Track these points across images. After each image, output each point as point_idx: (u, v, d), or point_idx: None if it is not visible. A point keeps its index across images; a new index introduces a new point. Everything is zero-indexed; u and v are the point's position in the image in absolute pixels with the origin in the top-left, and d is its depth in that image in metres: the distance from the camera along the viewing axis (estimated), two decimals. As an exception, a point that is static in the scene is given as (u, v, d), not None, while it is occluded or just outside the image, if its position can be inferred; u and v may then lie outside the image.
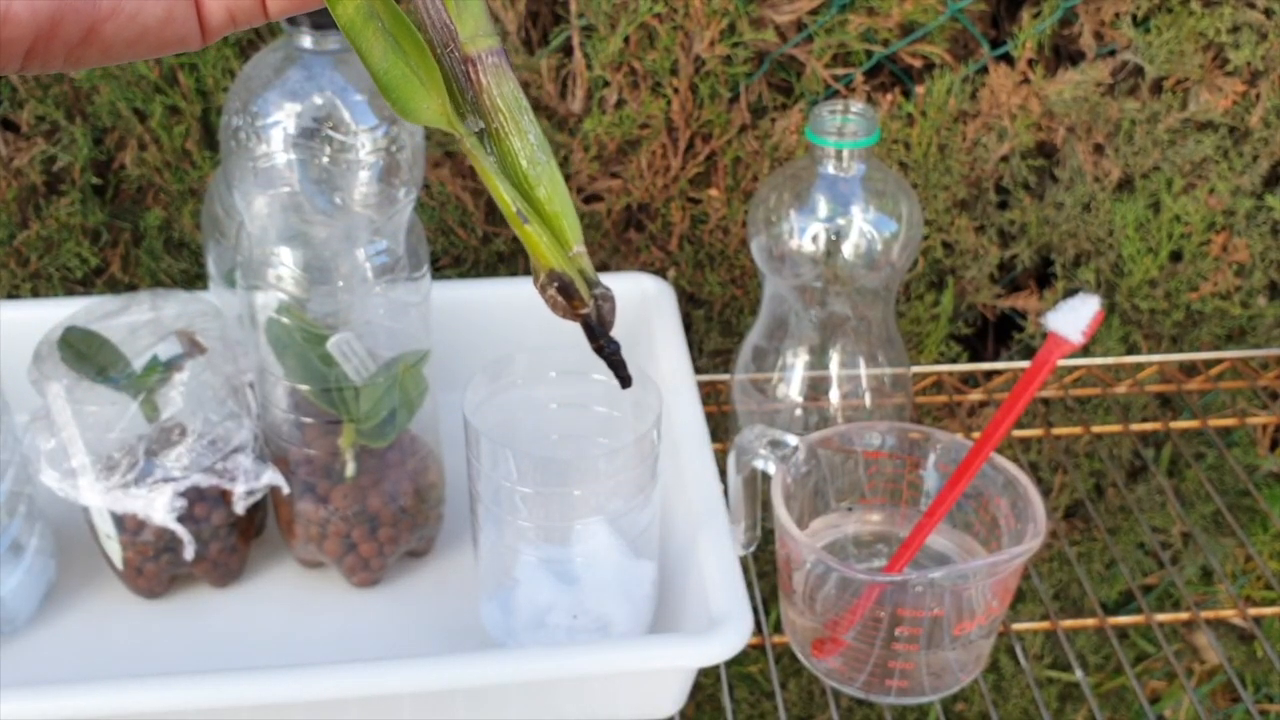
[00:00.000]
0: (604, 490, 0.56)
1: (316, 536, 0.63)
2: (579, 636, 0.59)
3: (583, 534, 0.57)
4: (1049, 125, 0.86)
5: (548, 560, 0.58)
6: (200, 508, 0.61)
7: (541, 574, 0.58)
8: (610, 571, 0.59)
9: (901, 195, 0.66)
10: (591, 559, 0.58)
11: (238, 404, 0.62)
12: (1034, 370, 0.54)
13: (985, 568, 0.54)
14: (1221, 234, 0.89)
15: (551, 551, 0.58)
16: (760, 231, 0.67)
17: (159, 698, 0.51)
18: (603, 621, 0.59)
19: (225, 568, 0.64)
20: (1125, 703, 1.13)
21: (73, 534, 0.65)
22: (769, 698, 1.06)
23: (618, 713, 0.58)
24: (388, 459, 0.62)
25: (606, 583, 0.59)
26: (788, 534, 0.57)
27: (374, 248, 0.58)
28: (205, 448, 0.60)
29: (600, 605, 0.59)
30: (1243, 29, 0.82)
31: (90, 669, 0.61)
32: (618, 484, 0.56)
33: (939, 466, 0.61)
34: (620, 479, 0.56)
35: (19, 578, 0.62)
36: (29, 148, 0.82)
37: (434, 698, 0.54)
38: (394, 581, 0.65)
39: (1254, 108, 0.85)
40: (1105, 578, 1.06)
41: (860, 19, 0.81)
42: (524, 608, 0.59)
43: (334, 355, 0.58)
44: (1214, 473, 1.01)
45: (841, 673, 0.59)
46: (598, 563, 0.58)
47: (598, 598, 0.59)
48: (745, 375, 0.72)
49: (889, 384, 0.71)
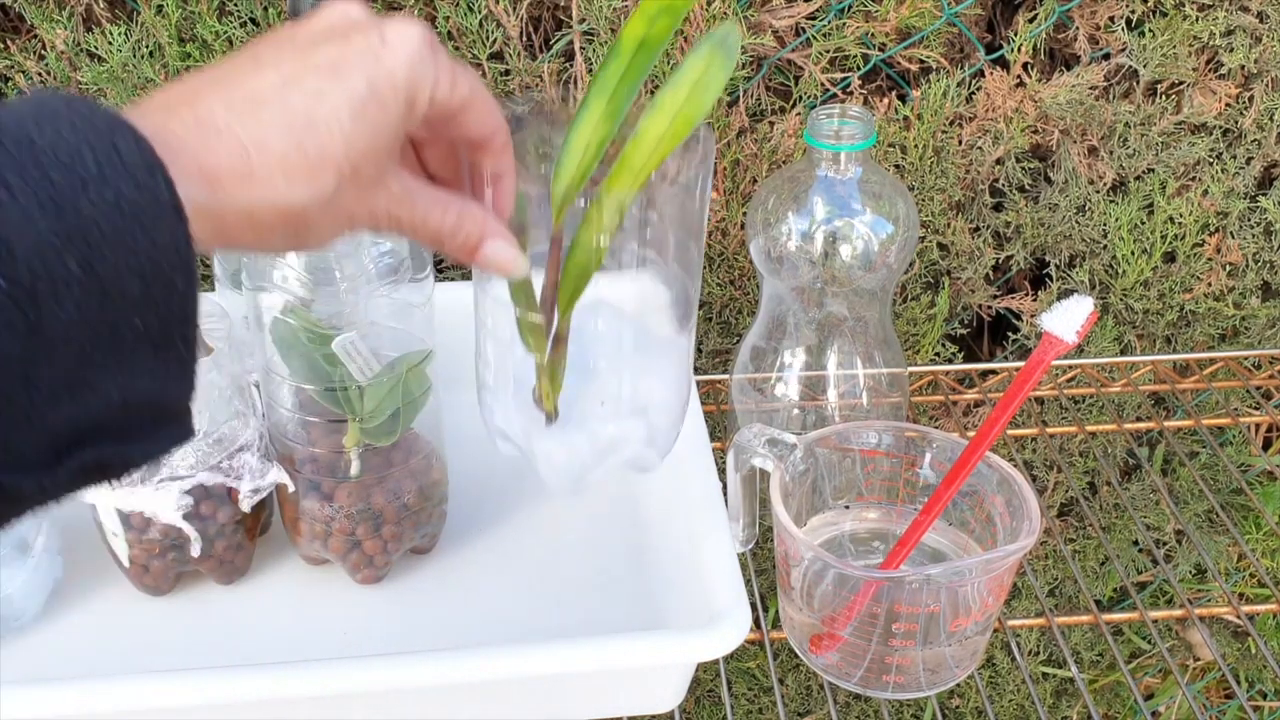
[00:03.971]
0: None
1: (321, 534, 0.63)
2: (620, 424, 0.55)
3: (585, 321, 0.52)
4: (1044, 128, 0.87)
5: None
6: (206, 505, 0.62)
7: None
8: (631, 351, 0.54)
9: (898, 197, 0.66)
10: (599, 341, 0.54)
11: (244, 403, 0.63)
12: (1029, 370, 0.54)
13: (981, 564, 0.55)
14: (1215, 235, 0.90)
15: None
16: (759, 233, 0.68)
17: (165, 694, 0.52)
18: (638, 403, 0.55)
19: (231, 565, 0.65)
20: (1119, 699, 1.14)
21: (79, 532, 0.66)
22: (767, 692, 1.06)
23: (618, 707, 0.59)
24: (392, 457, 0.63)
25: (631, 363, 0.54)
26: (786, 531, 0.57)
27: (378, 249, 0.58)
28: (211, 446, 0.61)
29: (627, 387, 0.54)
30: (1236, 32, 0.83)
31: (97, 666, 0.61)
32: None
33: (935, 465, 0.62)
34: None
35: (26, 575, 0.62)
36: (34, 150, 0.82)
37: (437, 693, 0.55)
38: (398, 578, 0.66)
39: (1247, 110, 0.86)
40: (1100, 575, 1.07)
41: (857, 24, 0.82)
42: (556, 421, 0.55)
43: (339, 355, 0.59)
44: (1207, 471, 1.02)
45: (839, 668, 0.60)
46: (611, 344, 0.54)
47: (625, 378, 0.54)
48: (744, 375, 0.73)
49: (886, 383, 0.71)
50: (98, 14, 0.80)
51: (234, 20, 0.79)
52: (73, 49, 0.80)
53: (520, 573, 0.67)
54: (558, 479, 0.57)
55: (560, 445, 0.55)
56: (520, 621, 0.63)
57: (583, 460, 0.56)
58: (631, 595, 0.65)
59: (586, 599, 0.65)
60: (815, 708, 1.09)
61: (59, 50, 0.79)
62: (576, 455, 0.56)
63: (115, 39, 0.79)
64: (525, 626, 0.63)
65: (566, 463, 0.56)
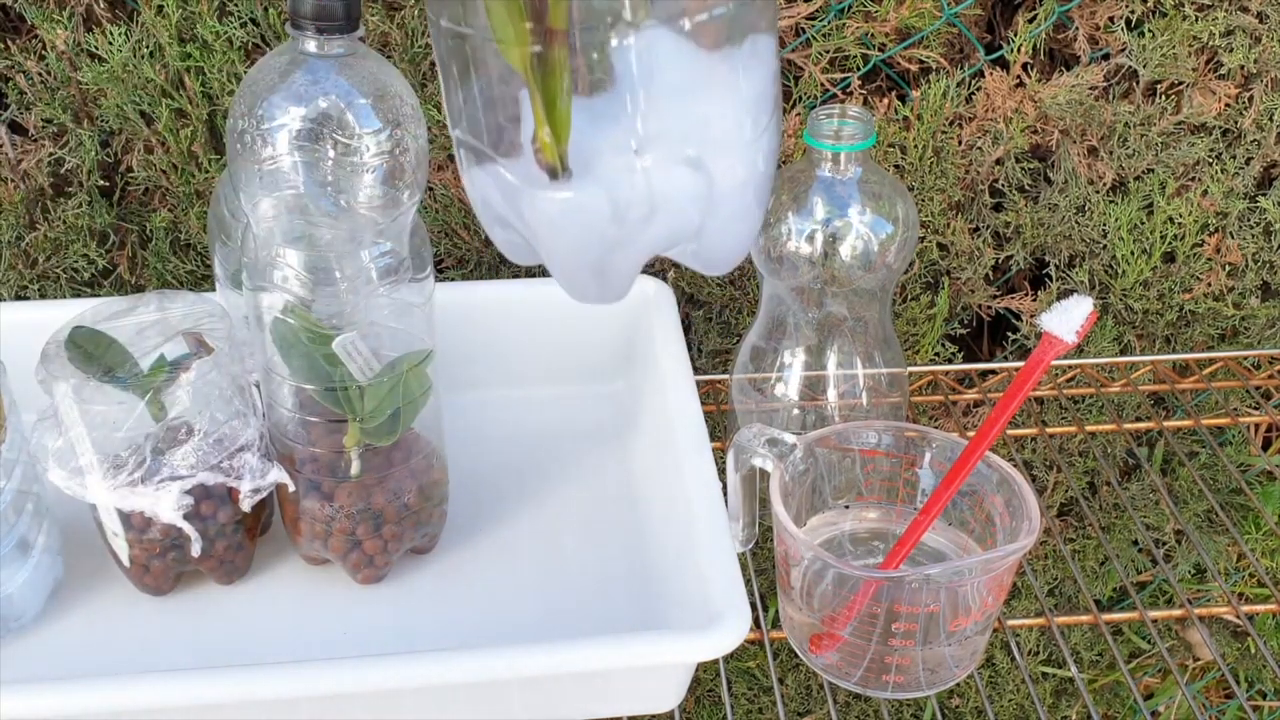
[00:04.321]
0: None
1: (321, 534, 0.63)
2: (661, 173, 0.40)
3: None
4: (1043, 128, 0.87)
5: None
6: (207, 505, 0.62)
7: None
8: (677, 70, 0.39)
9: (898, 198, 0.66)
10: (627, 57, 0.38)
11: (244, 403, 0.63)
12: (1028, 370, 0.54)
13: (980, 564, 0.55)
14: (1214, 236, 0.90)
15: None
16: (759, 233, 0.68)
17: (165, 694, 0.52)
18: (687, 145, 0.41)
19: (231, 565, 0.65)
20: (1119, 699, 1.14)
21: (80, 532, 0.66)
22: (767, 692, 1.06)
23: (618, 707, 0.59)
24: (392, 457, 0.63)
25: (677, 86, 0.39)
26: (786, 531, 0.58)
27: (378, 249, 0.58)
28: (212, 446, 0.61)
29: (671, 119, 0.40)
30: (1236, 32, 0.83)
31: (97, 665, 0.61)
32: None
33: (935, 465, 0.62)
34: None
35: (26, 575, 0.62)
36: (36, 150, 0.83)
37: (437, 693, 0.55)
38: (398, 578, 0.66)
39: (1247, 110, 0.86)
40: (1099, 575, 1.07)
41: (857, 24, 0.82)
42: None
43: (339, 355, 0.59)
44: (1207, 471, 1.02)
45: (839, 668, 0.60)
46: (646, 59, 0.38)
47: (666, 107, 0.39)
48: (744, 375, 0.73)
49: (885, 383, 0.72)
50: (98, 14, 0.80)
51: (234, 20, 0.79)
52: (73, 49, 0.80)
53: (520, 573, 0.67)
54: (573, 269, 0.39)
55: (569, 207, 0.38)
56: (520, 621, 0.64)
57: (603, 231, 0.39)
58: (631, 595, 0.65)
59: (586, 599, 0.65)
60: (815, 708, 1.09)
61: (59, 50, 0.79)
62: (594, 221, 0.39)
63: (115, 39, 0.79)
64: (525, 626, 0.63)
65: (581, 237, 0.39)
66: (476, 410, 0.77)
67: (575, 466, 0.74)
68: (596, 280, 0.40)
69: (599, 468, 0.74)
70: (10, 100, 0.83)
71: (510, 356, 0.79)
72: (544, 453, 0.75)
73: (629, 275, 0.40)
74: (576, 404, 0.79)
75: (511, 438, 0.76)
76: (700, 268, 0.46)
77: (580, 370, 0.80)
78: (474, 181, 0.42)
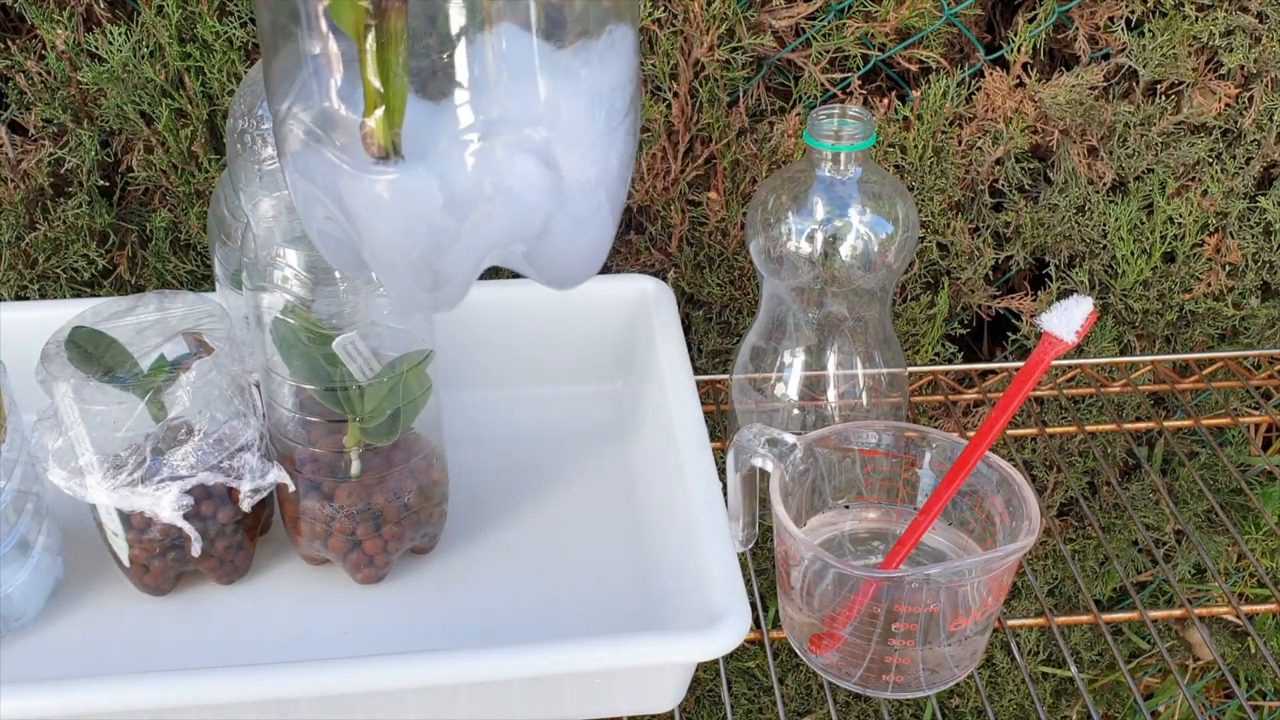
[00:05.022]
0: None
1: (322, 534, 0.63)
2: (502, 158, 0.38)
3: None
4: (1043, 128, 0.87)
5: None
6: (207, 505, 0.62)
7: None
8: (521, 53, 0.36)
9: (898, 198, 0.66)
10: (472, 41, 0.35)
11: (244, 403, 0.63)
12: (1028, 370, 0.54)
13: (980, 564, 0.55)
14: (1214, 235, 0.90)
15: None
16: (759, 233, 0.68)
17: (165, 694, 0.52)
18: (534, 132, 0.38)
19: (231, 565, 0.65)
20: (1119, 698, 1.14)
21: (80, 532, 0.66)
22: (767, 692, 1.06)
23: (618, 707, 0.59)
24: (392, 457, 0.63)
25: (523, 69, 0.36)
26: (786, 531, 0.58)
27: (378, 249, 0.58)
28: (212, 446, 0.61)
29: (515, 102, 0.37)
30: (1236, 33, 0.83)
31: (97, 665, 0.61)
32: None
33: (935, 465, 0.62)
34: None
35: (26, 575, 0.62)
36: (36, 150, 0.83)
37: (437, 693, 0.55)
38: (398, 578, 0.66)
39: (1247, 111, 0.86)
40: (1099, 575, 1.07)
41: (857, 24, 0.82)
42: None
43: (339, 355, 0.59)
44: (1207, 471, 1.02)
45: (839, 668, 0.60)
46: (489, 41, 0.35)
47: (513, 88, 0.37)
48: (744, 375, 0.73)
49: (885, 383, 0.72)
50: (98, 14, 0.80)
51: (234, 20, 0.79)
52: (73, 49, 0.80)
53: (520, 573, 0.67)
54: (401, 265, 0.35)
55: (396, 190, 0.34)
56: (520, 622, 0.64)
57: (433, 219, 0.34)
58: (631, 595, 0.65)
59: (586, 599, 0.65)
60: (815, 707, 1.09)
61: (59, 50, 0.79)
62: (424, 208, 0.34)
63: (115, 39, 0.79)
64: (525, 626, 0.63)
65: (408, 226, 0.33)
66: (476, 410, 0.77)
67: (575, 466, 0.74)
68: (427, 280, 0.36)
69: (599, 468, 0.74)
70: (10, 100, 0.83)
71: (510, 356, 0.79)
72: (544, 453, 0.75)
73: (463, 278, 0.36)
74: (576, 404, 0.79)
75: (511, 438, 0.76)
76: (546, 281, 0.43)
77: (580, 370, 0.80)
78: (297, 169, 0.36)
